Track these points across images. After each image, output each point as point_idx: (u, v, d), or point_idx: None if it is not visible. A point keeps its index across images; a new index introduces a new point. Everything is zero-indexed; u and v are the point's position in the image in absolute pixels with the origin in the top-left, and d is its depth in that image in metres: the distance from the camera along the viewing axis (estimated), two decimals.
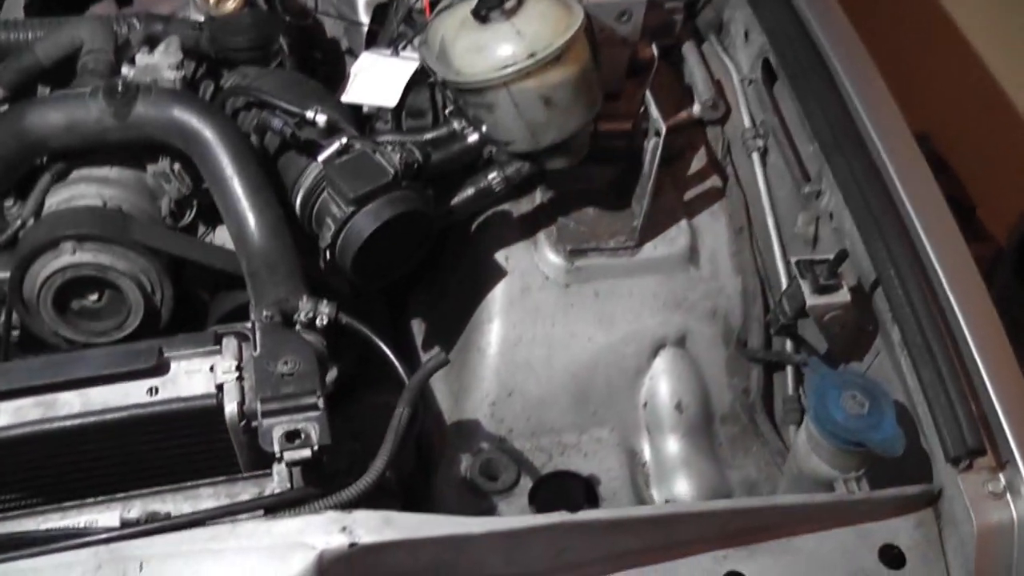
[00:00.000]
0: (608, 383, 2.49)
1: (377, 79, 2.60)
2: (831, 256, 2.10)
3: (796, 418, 2.45)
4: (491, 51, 2.18)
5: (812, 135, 2.29)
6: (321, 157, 2.20)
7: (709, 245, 2.56)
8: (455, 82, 2.24)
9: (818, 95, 2.30)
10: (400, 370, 1.98)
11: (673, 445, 2.48)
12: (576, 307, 2.48)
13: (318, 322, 2.00)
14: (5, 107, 2.37)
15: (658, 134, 2.31)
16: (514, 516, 1.92)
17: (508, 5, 2.18)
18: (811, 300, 2.10)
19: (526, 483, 2.41)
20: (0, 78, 2.37)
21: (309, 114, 2.22)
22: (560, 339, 2.47)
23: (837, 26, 2.39)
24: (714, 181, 2.66)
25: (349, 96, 2.59)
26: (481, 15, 2.19)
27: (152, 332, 2.24)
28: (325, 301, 2.02)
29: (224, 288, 2.29)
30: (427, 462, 2.44)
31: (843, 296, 2.09)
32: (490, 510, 2.36)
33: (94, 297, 2.20)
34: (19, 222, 2.22)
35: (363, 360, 2.32)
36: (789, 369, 2.46)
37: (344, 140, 2.21)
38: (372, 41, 2.83)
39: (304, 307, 2.00)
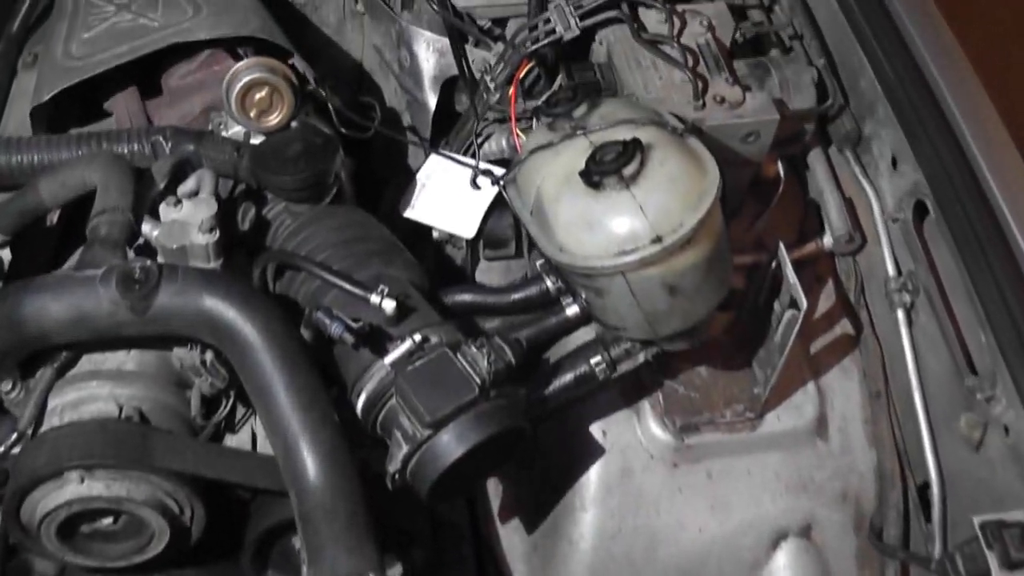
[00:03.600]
0: None
1: (449, 195, 2.02)
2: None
3: None
4: (605, 229, 1.58)
5: (984, 322, 1.68)
6: (389, 359, 1.60)
7: (839, 411, 1.98)
8: (557, 260, 1.64)
9: (994, 272, 1.68)
10: None
11: None
12: (685, 492, 1.91)
13: None
14: (7, 252, 1.78)
15: (796, 307, 1.71)
16: None
17: (628, 171, 1.57)
18: None
19: None
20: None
21: (374, 298, 1.61)
22: (666, 530, 1.90)
23: (1017, 182, 1.74)
24: (845, 327, 2.05)
25: (415, 212, 2.01)
26: (593, 181, 1.58)
27: (181, 548, 1.69)
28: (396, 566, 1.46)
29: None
30: None
31: None
32: None
33: (108, 521, 1.63)
34: (14, 435, 1.62)
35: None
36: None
37: (417, 337, 1.61)
38: (438, 119, 2.21)
39: None
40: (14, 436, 1.62)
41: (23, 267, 1.85)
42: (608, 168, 1.57)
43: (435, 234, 2.02)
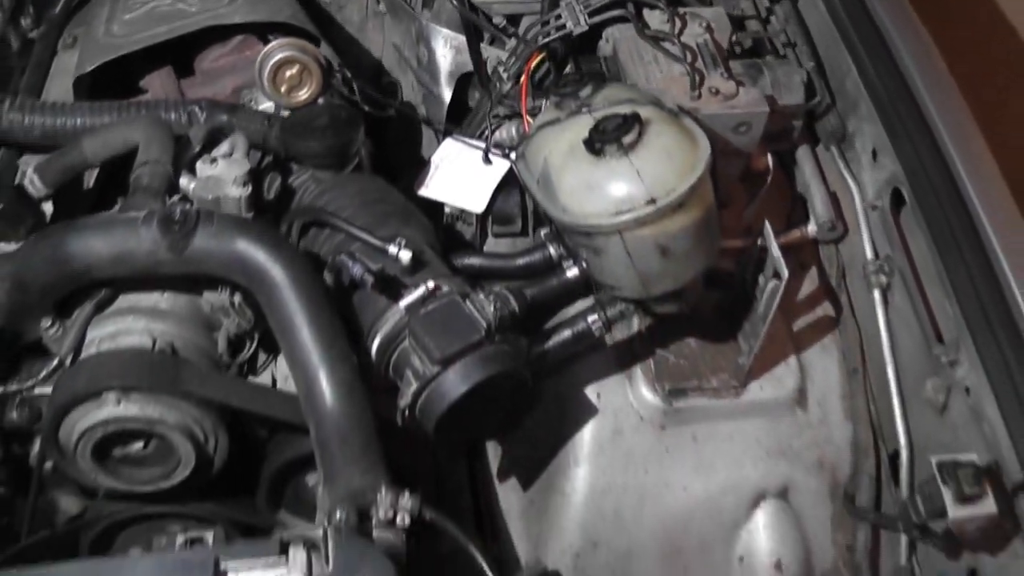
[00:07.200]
0: (702, 536, 2.09)
1: (461, 175, 2.21)
2: (975, 460, 1.73)
3: None
4: (604, 192, 1.77)
5: (951, 294, 1.87)
6: (404, 303, 1.80)
7: (819, 386, 2.16)
8: (559, 220, 1.83)
9: (961, 250, 1.87)
10: None
11: None
12: (672, 452, 2.08)
13: (398, 520, 1.61)
14: (49, 205, 1.97)
15: (778, 277, 1.90)
16: None
17: (627, 140, 1.76)
18: (953, 512, 1.71)
19: None
20: (44, 175, 1.95)
21: (392, 249, 1.81)
22: (653, 488, 2.07)
23: (985, 172, 1.94)
24: (826, 309, 2.24)
25: (429, 191, 2.20)
26: (595, 148, 1.77)
27: (203, 479, 1.86)
28: (407, 493, 1.63)
29: (284, 427, 1.89)
30: None
31: (988, 507, 1.71)
32: None
33: (139, 445, 1.80)
34: (55, 360, 1.81)
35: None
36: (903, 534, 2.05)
37: (430, 284, 1.80)
38: (452, 112, 2.42)
39: (383, 502, 1.62)
40: (55, 362, 1.81)
41: None
42: (609, 137, 1.76)
43: (447, 209, 2.21)
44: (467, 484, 2.22)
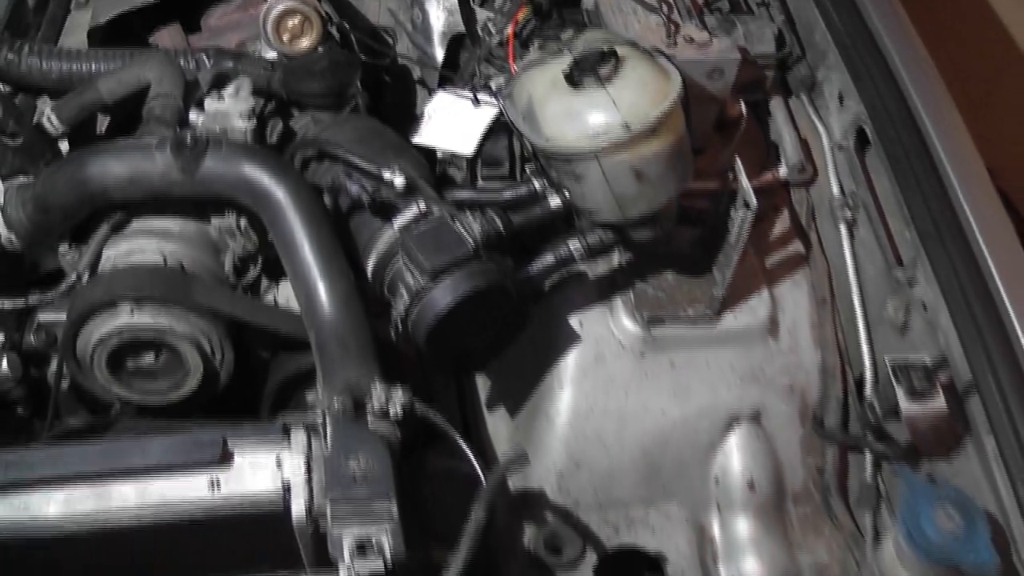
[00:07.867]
0: (679, 457, 2.25)
1: (453, 123, 2.36)
2: (927, 360, 1.90)
3: (873, 504, 2.22)
4: (583, 119, 1.93)
5: (908, 220, 2.04)
6: (398, 223, 1.97)
7: (790, 316, 2.32)
8: (542, 148, 2.00)
9: (918, 179, 2.04)
10: (478, 468, 1.75)
11: (743, 524, 2.25)
12: (651, 378, 2.24)
13: (391, 411, 1.76)
14: (65, 144, 2.14)
15: (748, 207, 2.06)
16: None
17: (604, 71, 1.93)
18: (905, 406, 1.88)
19: (591, 558, 2.19)
20: (60, 113, 2.13)
21: (387, 174, 1.97)
22: (633, 411, 2.23)
23: (942, 106, 2.12)
24: (797, 247, 2.41)
25: (422, 139, 2.35)
26: (574, 80, 1.94)
27: (210, 393, 2.03)
28: (399, 388, 1.78)
29: (285, 347, 2.06)
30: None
31: (938, 404, 1.88)
32: None
33: (150, 357, 1.97)
34: (74, 275, 1.98)
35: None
36: (868, 453, 2.21)
37: (422, 205, 1.97)
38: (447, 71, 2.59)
39: (377, 394, 1.76)
40: (73, 276, 1.98)
41: None
42: (587, 69, 1.93)
43: (439, 154, 2.37)
44: (457, 413, 2.37)
